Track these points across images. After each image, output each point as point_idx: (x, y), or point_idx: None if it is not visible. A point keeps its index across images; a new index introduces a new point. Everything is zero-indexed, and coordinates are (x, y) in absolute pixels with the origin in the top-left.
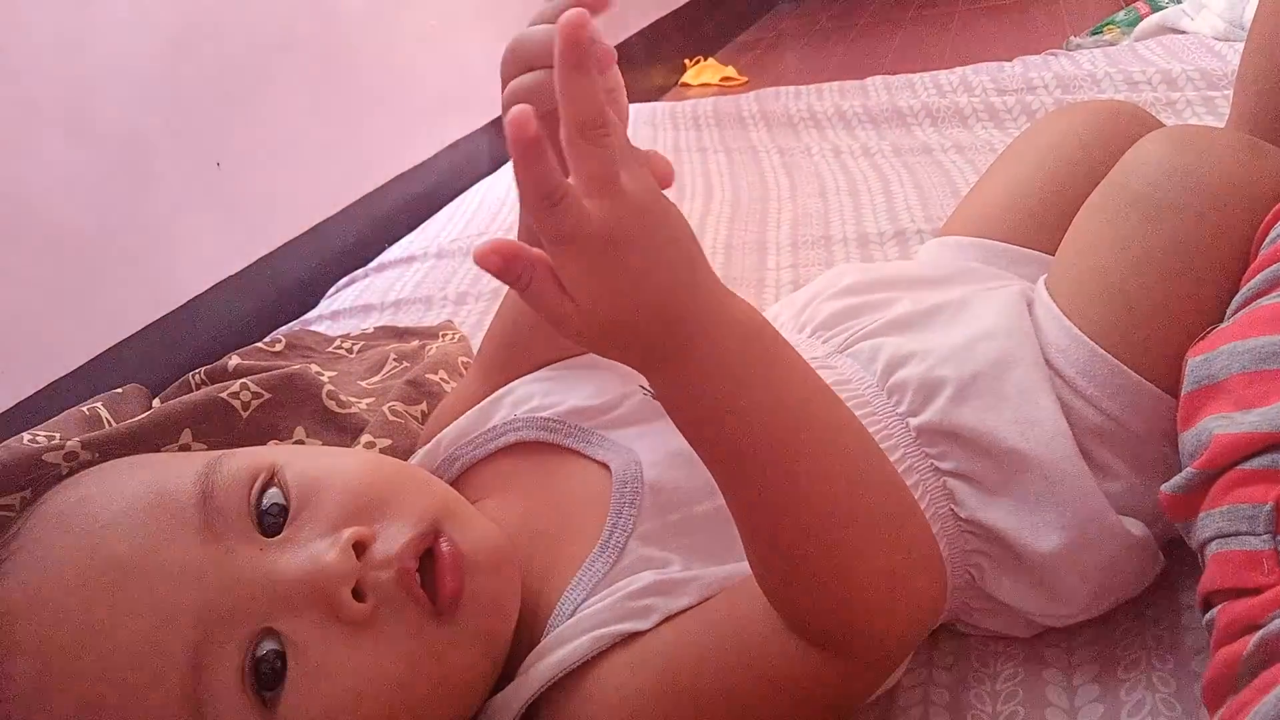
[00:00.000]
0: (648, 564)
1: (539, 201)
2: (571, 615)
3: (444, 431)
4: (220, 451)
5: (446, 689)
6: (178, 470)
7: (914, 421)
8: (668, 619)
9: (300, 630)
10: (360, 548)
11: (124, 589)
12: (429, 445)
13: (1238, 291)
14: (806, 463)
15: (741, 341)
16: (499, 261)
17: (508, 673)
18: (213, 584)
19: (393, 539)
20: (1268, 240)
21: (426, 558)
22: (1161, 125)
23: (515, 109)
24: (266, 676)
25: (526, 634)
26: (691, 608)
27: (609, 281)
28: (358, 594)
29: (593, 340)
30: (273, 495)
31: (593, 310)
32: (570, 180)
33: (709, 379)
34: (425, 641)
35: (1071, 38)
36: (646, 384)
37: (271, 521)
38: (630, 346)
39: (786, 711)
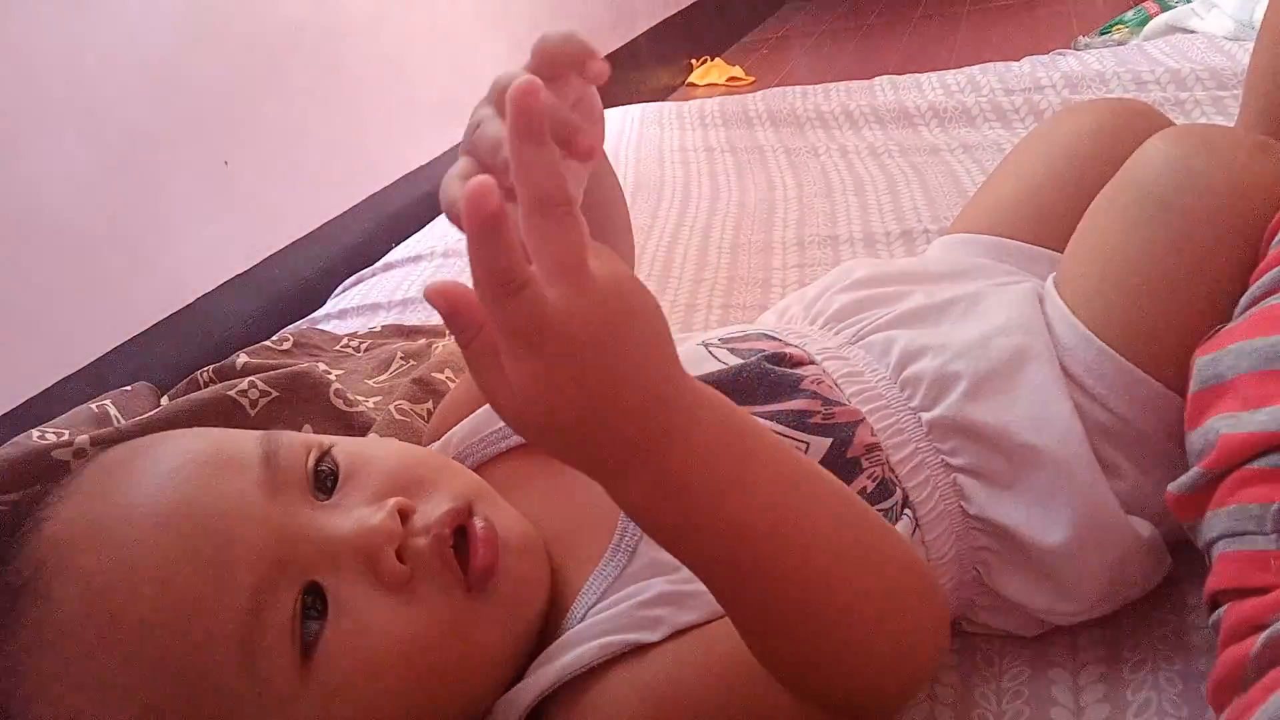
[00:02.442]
0: (658, 568)
1: (495, 289)
2: (583, 619)
3: (454, 429)
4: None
5: (470, 663)
6: (234, 436)
7: (926, 416)
8: (676, 632)
9: (342, 587)
10: (403, 516)
11: (189, 527)
12: (439, 443)
13: (1246, 290)
14: (792, 558)
15: (710, 439)
16: (445, 307)
17: (518, 674)
18: (273, 533)
19: (430, 511)
20: (1277, 239)
21: (460, 536)
22: (1171, 123)
23: (475, 179)
24: (310, 628)
25: (539, 636)
26: (700, 624)
27: (560, 389)
28: (399, 557)
29: (526, 435)
30: (326, 465)
31: (532, 411)
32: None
33: (671, 495)
34: (455, 612)
35: (1080, 37)
36: None
37: (326, 486)
38: (570, 456)
39: None
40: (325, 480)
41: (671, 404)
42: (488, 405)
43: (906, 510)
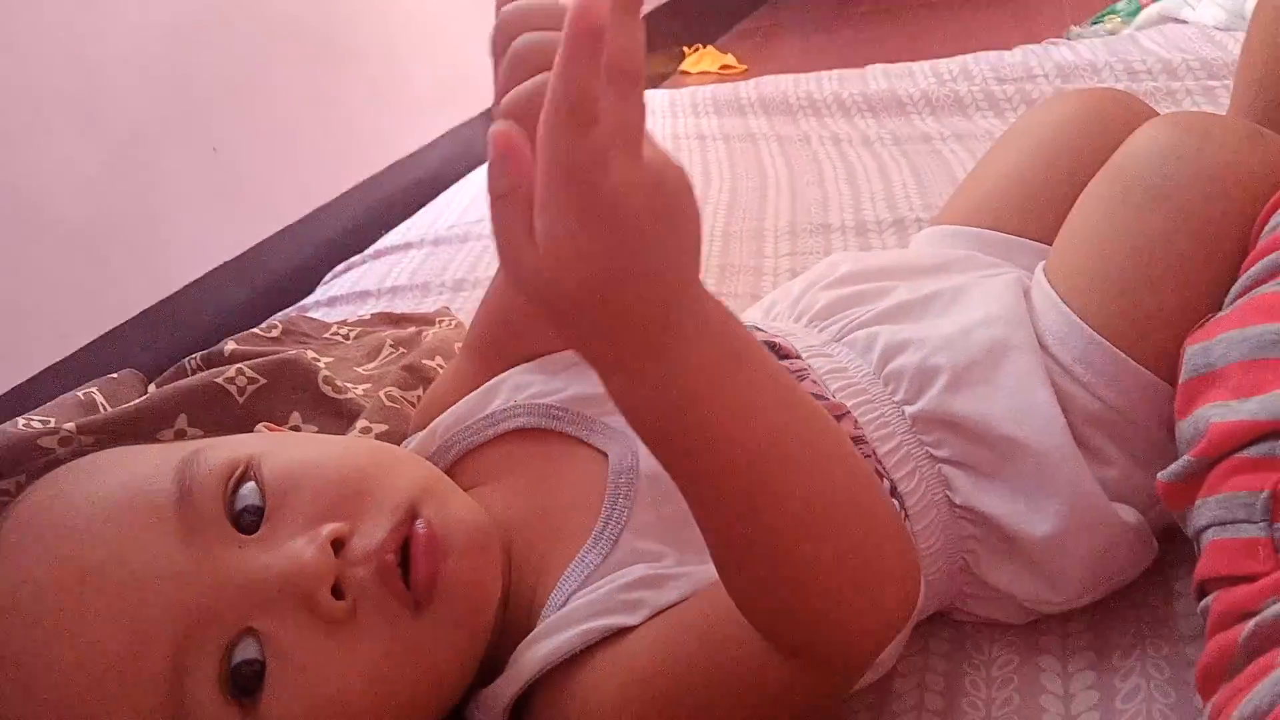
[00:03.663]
0: (641, 557)
1: (568, 114)
2: (563, 606)
3: (440, 417)
4: (198, 443)
5: (431, 681)
6: (155, 467)
7: (909, 410)
8: (657, 614)
9: (280, 630)
10: (338, 544)
11: (101, 596)
12: (424, 432)
13: (1237, 279)
14: (782, 479)
15: (718, 348)
16: (501, 146)
17: (500, 663)
18: (191, 587)
19: (370, 533)
20: (1268, 228)
21: (405, 545)
22: (1154, 112)
23: None
24: (247, 678)
25: (522, 625)
26: (678, 603)
27: (587, 256)
28: (337, 591)
29: (536, 298)
30: (249, 492)
31: (550, 274)
32: None
33: (677, 385)
34: (406, 636)
35: (1072, 27)
36: None
37: (249, 520)
38: (574, 335)
39: (760, 716)
40: (248, 513)
41: (685, 307)
42: (473, 393)
43: (893, 500)
